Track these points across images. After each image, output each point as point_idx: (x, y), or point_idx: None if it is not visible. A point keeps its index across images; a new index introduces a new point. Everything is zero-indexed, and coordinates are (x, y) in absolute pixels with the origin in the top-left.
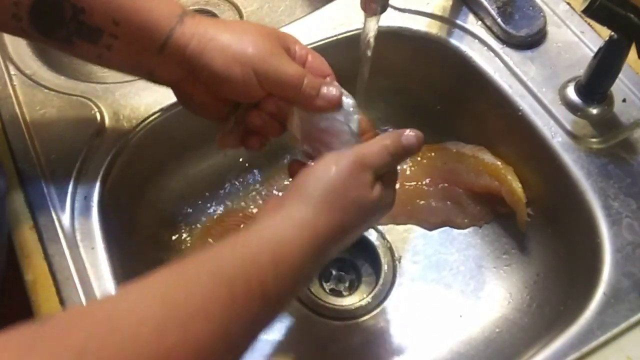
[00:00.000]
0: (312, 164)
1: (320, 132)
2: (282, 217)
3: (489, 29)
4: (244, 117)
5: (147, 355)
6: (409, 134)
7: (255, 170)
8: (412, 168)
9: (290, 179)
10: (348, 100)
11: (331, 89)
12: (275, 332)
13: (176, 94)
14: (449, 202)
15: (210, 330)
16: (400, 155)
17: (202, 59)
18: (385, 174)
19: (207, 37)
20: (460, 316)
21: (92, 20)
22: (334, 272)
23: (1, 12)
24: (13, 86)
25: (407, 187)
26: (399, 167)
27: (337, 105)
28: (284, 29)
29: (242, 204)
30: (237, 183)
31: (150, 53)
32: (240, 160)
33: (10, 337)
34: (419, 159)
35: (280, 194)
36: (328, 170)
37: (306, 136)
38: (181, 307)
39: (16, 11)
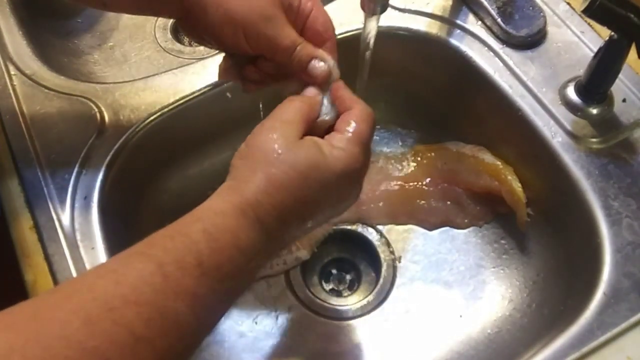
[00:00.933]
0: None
1: None
2: (212, 195)
3: (489, 29)
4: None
5: (76, 350)
6: (307, 90)
7: None
8: (412, 168)
9: None
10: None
11: (319, 66)
12: (275, 332)
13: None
14: (449, 202)
15: (143, 315)
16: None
17: (200, 6)
18: (334, 129)
19: None
20: (460, 316)
21: None
22: (334, 272)
23: None
24: (13, 86)
25: (407, 187)
26: (401, 169)
27: (322, 82)
28: None
29: None
30: None
31: None
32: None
33: None
34: (419, 159)
35: None
36: (246, 141)
37: None
38: (110, 294)
39: None
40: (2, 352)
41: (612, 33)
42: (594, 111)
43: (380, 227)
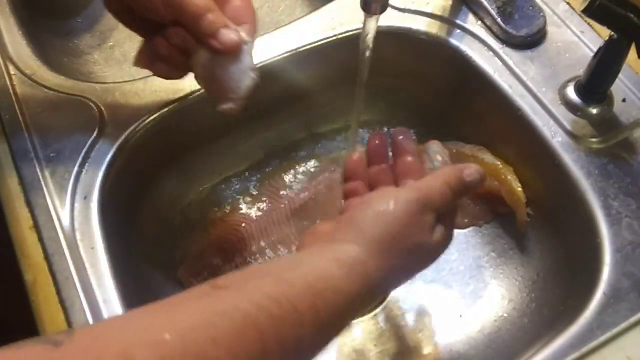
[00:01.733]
0: (368, 196)
1: (222, 76)
2: (331, 256)
3: (489, 29)
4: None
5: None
6: (471, 171)
7: (254, 171)
8: None
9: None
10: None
11: (230, 34)
12: None
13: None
14: None
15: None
16: (461, 193)
17: None
18: (445, 213)
19: None
20: (460, 316)
21: None
22: None
23: None
24: (13, 86)
25: None
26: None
27: (232, 51)
28: (284, 29)
29: (242, 203)
30: (237, 183)
31: None
32: (240, 160)
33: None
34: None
35: (283, 192)
36: (386, 207)
37: (208, 78)
38: (204, 352)
39: None
40: None
41: (612, 33)
42: (594, 111)
43: None
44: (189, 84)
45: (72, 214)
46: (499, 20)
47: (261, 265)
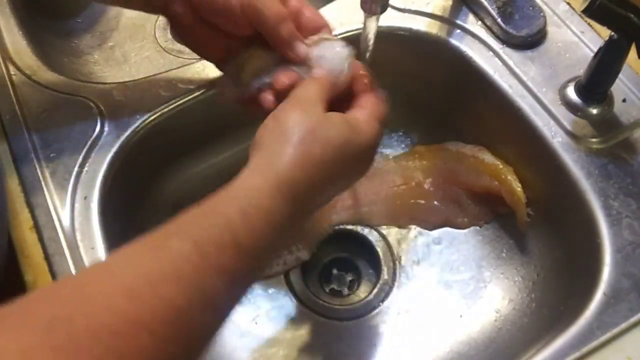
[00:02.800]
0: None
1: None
2: (246, 171)
3: (489, 29)
4: (245, 79)
5: (120, 321)
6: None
7: None
8: (412, 168)
9: None
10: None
11: (301, 47)
12: (275, 332)
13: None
14: (449, 202)
15: (183, 290)
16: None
17: None
18: (348, 102)
19: None
20: (460, 316)
21: None
22: (334, 272)
23: None
24: (13, 86)
25: (407, 187)
26: (400, 170)
27: (300, 62)
28: None
29: None
30: None
31: None
32: (240, 160)
33: None
34: (419, 159)
35: None
36: (273, 117)
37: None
38: (151, 271)
39: None
40: (48, 319)
41: (612, 33)
42: (594, 111)
43: (380, 227)
44: (188, 84)
45: (72, 214)
46: (499, 20)
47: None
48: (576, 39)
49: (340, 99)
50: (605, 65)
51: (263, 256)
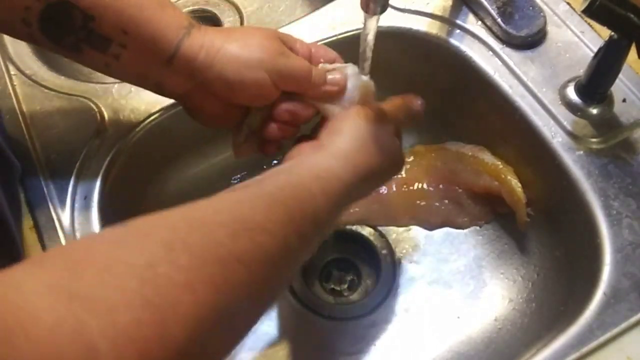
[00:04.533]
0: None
1: None
2: (327, 153)
3: (489, 29)
4: (256, 125)
5: (223, 254)
6: (416, 99)
7: (254, 171)
8: (413, 169)
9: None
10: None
11: (335, 75)
12: (275, 332)
13: (184, 106)
14: (449, 203)
15: (273, 242)
16: (408, 114)
17: (212, 70)
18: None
19: (215, 48)
20: (460, 316)
21: (101, 29)
22: (334, 272)
23: (11, 16)
24: (13, 86)
25: (407, 187)
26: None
27: (344, 87)
28: (284, 29)
29: None
30: (236, 183)
31: (158, 65)
32: (240, 161)
33: (100, 236)
34: (419, 159)
35: None
36: (358, 117)
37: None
38: (248, 219)
39: (26, 16)
40: (166, 241)
41: (612, 33)
42: (594, 111)
43: (380, 227)
44: None
45: (72, 214)
46: (499, 20)
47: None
48: (576, 39)
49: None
50: (605, 65)
51: (326, 232)
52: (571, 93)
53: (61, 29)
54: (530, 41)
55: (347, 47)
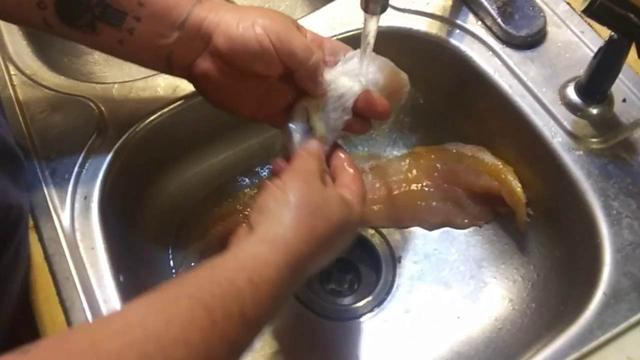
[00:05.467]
0: (268, 187)
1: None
2: (254, 239)
3: (489, 29)
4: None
5: None
6: (309, 144)
7: (255, 171)
8: (412, 170)
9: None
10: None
11: (321, 87)
12: (275, 333)
13: (193, 81)
14: (449, 203)
15: (192, 356)
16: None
17: (219, 27)
18: (335, 178)
19: (222, 10)
20: (460, 316)
21: (117, 3)
22: (334, 273)
23: (26, 0)
24: (13, 86)
25: (407, 188)
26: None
27: (322, 97)
28: None
29: (242, 203)
30: (237, 182)
31: (170, 32)
32: (240, 160)
33: None
34: (419, 160)
35: None
36: (278, 187)
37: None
38: (162, 333)
39: None
40: None
41: (612, 33)
42: (594, 111)
43: (380, 227)
44: (188, 84)
45: (72, 214)
46: (499, 20)
47: (194, 268)
48: (576, 39)
49: None
50: (605, 65)
51: (263, 325)
52: (571, 93)
53: (77, 7)
54: (530, 41)
55: None
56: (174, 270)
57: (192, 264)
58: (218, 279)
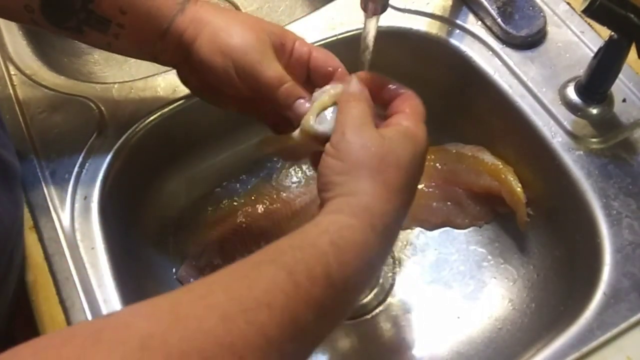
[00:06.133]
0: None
1: None
2: (329, 210)
3: (489, 29)
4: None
5: (212, 344)
6: (352, 86)
7: (255, 171)
8: None
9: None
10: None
11: (304, 105)
12: None
13: (179, 76)
14: (449, 203)
15: (276, 319)
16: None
17: (194, 45)
18: (389, 115)
19: (202, 24)
20: (460, 316)
21: (100, 9)
22: None
23: (15, 3)
24: (13, 86)
25: None
26: None
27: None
28: None
29: (243, 204)
30: (237, 183)
31: (153, 40)
32: (240, 160)
33: (75, 330)
34: None
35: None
36: (333, 155)
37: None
38: (244, 297)
39: (28, 2)
40: (143, 337)
41: (612, 33)
42: (594, 111)
43: None
44: None
45: (72, 214)
46: (499, 20)
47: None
48: (576, 39)
49: None
50: (605, 65)
51: (354, 290)
52: (571, 93)
53: (62, 12)
54: (530, 41)
55: (347, 47)
56: (173, 270)
57: (193, 263)
58: (299, 244)
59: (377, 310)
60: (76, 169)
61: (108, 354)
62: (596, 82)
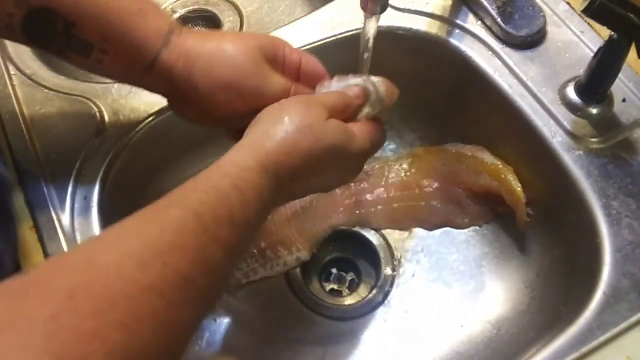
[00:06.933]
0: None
1: None
2: (239, 145)
3: (489, 29)
4: None
5: (133, 289)
6: (354, 89)
7: None
8: (412, 170)
9: None
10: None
11: None
12: (275, 333)
13: (169, 105)
14: (449, 203)
15: (188, 260)
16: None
17: (189, 82)
18: (358, 118)
19: (192, 59)
20: (460, 316)
21: (83, 35)
22: (334, 272)
23: None
24: (13, 86)
25: (407, 189)
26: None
27: None
28: (284, 29)
29: None
30: None
31: (139, 71)
32: None
33: (1, 287)
34: (419, 161)
35: None
36: (279, 105)
37: None
38: (157, 241)
39: (9, 22)
40: (68, 289)
41: (612, 33)
42: (594, 111)
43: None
44: None
45: (72, 215)
46: (499, 20)
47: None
48: (576, 39)
49: None
50: (605, 65)
51: (253, 230)
52: (571, 93)
53: (44, 35)
54: (530, 41)
55: (347, 47)
56: None
57: None
58: (204, 188)
59: (377, 310)
60: (76, 169)
61: (39, 308)
62: (596, 82)
